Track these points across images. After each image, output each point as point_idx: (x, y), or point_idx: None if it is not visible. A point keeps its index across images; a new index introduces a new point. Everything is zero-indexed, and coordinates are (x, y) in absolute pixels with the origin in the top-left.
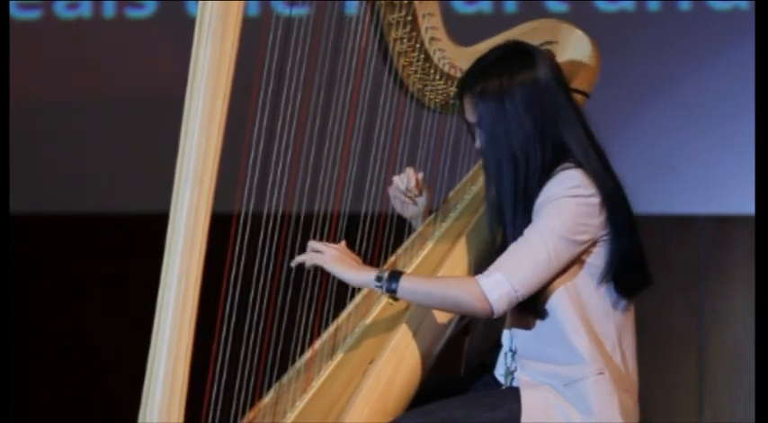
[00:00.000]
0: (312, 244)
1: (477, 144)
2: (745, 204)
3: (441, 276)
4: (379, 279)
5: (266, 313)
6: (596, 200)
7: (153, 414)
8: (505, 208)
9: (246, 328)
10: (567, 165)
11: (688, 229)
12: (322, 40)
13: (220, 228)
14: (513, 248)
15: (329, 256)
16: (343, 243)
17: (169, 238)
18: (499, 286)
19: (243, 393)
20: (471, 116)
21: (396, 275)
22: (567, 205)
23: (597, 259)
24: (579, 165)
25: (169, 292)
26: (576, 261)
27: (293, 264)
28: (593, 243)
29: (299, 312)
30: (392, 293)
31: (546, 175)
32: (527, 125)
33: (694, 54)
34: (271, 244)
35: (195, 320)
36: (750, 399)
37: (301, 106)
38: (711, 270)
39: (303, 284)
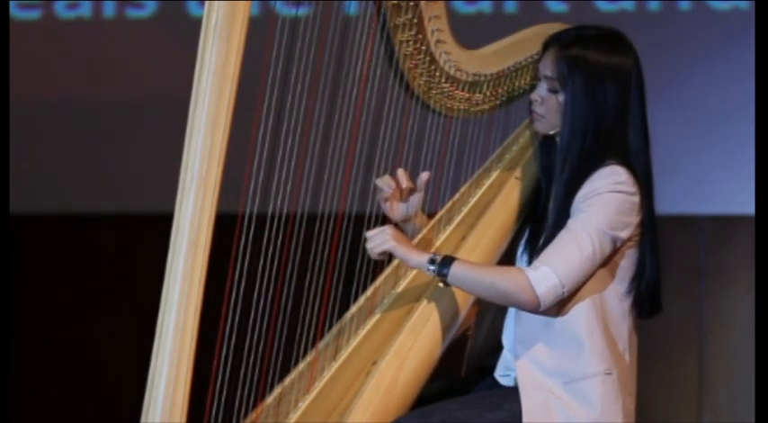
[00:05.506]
0: (369, 234)
1: (535, 95)
2: (745, 204)
3: (491, 266)
4: (431, 262)
5: (269, 313)
6: (637, 199)
7: (155, 414)
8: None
9: (250, 328)
10: (611, 161)
11: (688, 229)
12: (328, 42)
13: (224, 228)
14: (559, 241)
15: (390, 237)
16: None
17: (173, 239)
18: (546, 280)
19: (246, 393)
20: (548, 69)
21: (448, 260)
22: (611, 200)
23: (626, 260)
24: (625, 164)
25: (172, 293)
26: (606, 260)
27: (372, 251)
28: (625, 243)
29: (302, 313)
30: (443, 277)
31: (594, 163)
32: (608, 109)
33: (694, 54)
34: (275, 244)
35: (198, 321)
36: (750, 399)
37: (307, 107)
38: (711, 270)
39: (307, 285)
